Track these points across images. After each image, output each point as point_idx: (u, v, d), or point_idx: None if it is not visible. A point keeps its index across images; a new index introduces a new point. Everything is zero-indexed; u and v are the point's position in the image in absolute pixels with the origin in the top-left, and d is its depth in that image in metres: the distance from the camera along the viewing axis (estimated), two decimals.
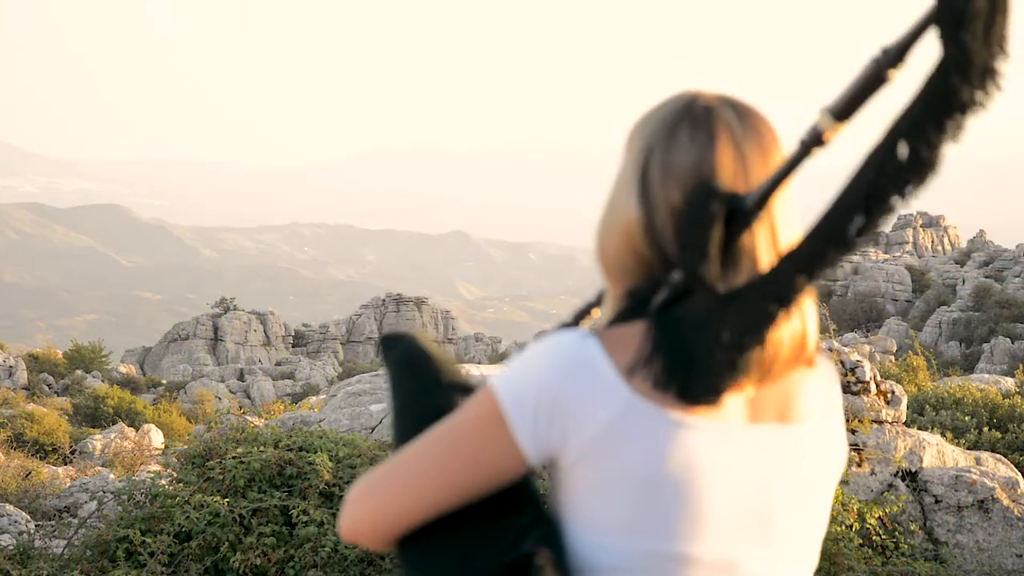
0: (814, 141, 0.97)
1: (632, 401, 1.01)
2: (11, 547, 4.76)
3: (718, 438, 1.04)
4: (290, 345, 53.96)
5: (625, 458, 1.01)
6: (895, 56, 0.91)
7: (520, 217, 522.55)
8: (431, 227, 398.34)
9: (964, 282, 42.39)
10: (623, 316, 1.07)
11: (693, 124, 1.07)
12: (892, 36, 0.94)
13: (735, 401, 1.06)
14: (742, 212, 1.02)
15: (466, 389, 1.20)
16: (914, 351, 11.69)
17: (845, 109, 0.94)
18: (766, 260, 1.05)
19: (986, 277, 43.05)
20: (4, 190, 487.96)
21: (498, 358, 44.68)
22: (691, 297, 1.03)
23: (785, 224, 1.08)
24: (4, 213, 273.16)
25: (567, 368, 1.02)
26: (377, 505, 1.08)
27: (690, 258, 1.02)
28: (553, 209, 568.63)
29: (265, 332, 52.15)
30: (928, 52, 0.88)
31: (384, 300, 57.95)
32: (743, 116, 1.09)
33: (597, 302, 1.25)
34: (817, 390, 1.14)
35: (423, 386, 1.21)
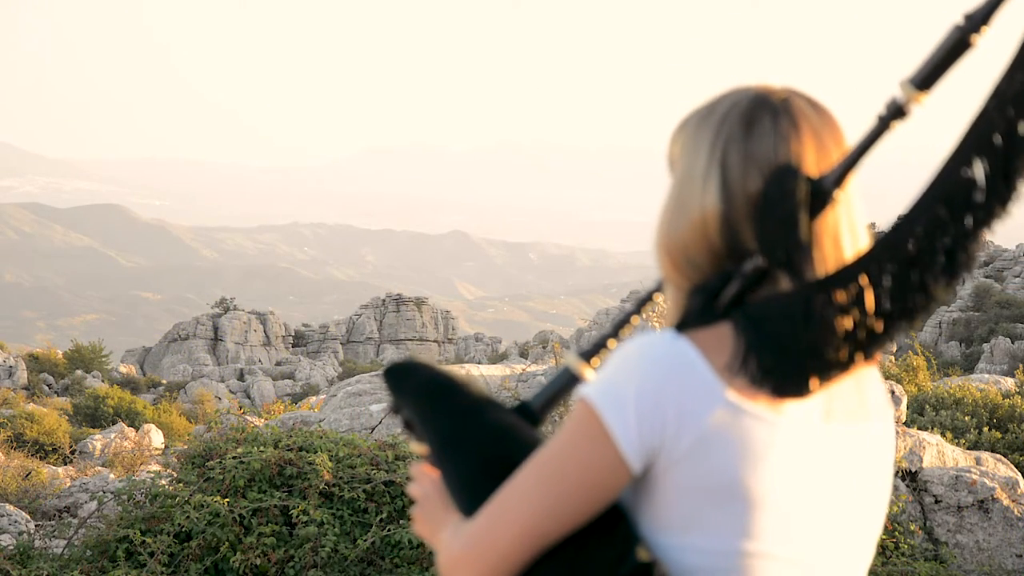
0: (894, 114, 0.95)
1: (731, 402, 0.98)
2: (11, 547, 4.76)
3: (804, 437, 1.02)
4: (290, 345, 53.97)
5: (723, 460, 0.98)
6: (980, 20, 0.89)
7: (520, 217, 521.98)
8: (431, 227, 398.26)
9: (964, 282, 42.00)
10: (697, 315, 1.03)
11: (774, 113, 1.04)
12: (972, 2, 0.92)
13: (815, 399, 1.03)
14: (822, 193, 1.00)
15: (500, 405, 1.14)
16: (914, 351, 11.66)
17: (927, 78, 0.92)
18: (847, 244, 1.03)
19: (986, 277, 43.03)
20: (4, 190, 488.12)
21: (498, 358, 44.63)
22: (764, 287, 1.01)
23: (858, 211, 1.06)
24: (4, 213, 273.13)
25: (667, 369, 0.98)
26: (497, 556, 1.00)
27: (779, 243, 0.98)
28: (553, 209, 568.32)
29: (265, 332, 52.16)
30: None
31: (384, 300, 57.91)
32: (816, 107, 1.07)
33: (636, 310, 1.19)
34: (879, 386, 1.13)
35: (465, 408, 1.13)
